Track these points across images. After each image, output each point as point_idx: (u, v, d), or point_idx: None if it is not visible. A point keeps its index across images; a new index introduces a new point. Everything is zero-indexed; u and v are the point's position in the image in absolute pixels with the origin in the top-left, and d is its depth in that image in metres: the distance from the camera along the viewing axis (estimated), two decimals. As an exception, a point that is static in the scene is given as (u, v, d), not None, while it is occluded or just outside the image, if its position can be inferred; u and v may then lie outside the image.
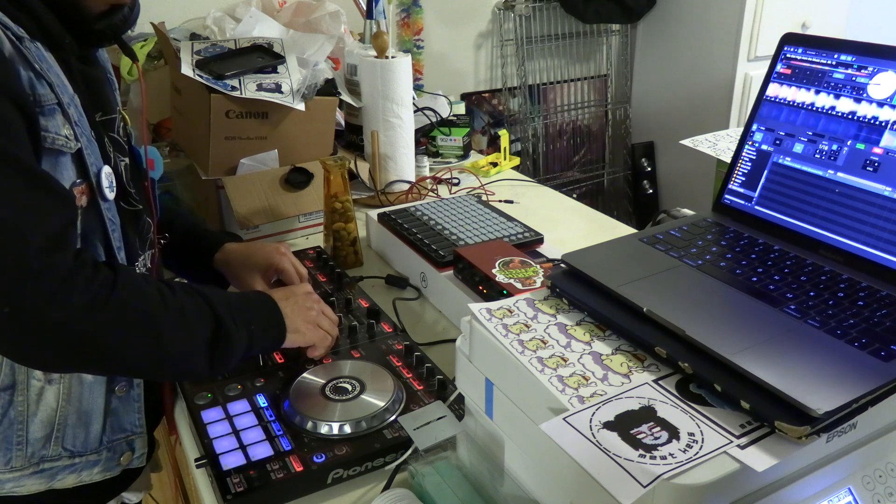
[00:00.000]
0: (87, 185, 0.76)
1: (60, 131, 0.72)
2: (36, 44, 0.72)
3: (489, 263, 1.02)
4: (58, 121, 0.72)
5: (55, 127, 0.72)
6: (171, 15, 1.73)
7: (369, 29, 1.73)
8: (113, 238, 0.79)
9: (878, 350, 0.58)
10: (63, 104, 0.73)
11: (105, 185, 0.78)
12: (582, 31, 2.68)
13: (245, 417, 0.86)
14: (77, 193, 0.74)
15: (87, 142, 0.76)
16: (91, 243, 0.78)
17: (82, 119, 0.76)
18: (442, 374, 0.92)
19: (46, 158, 0.72)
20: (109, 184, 0.79)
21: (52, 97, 0.72)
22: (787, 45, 0.81)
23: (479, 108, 2.60)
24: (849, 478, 0.60)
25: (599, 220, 1.53)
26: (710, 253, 0.76)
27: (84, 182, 0.75)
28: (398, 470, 0.78)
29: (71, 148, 0.74)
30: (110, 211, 0.80)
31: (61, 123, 0.72)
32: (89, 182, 0.76)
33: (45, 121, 0.71)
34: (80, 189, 0.75)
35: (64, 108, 0.73)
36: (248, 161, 1.37)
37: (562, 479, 0.61)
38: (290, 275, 1.06)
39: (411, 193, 1.52)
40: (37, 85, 0.71)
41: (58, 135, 0.72)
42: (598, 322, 0.68)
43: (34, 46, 0.72)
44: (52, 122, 0.72)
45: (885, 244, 0.69)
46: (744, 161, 0.83)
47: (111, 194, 0.79)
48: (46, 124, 0.71)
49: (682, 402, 0.57)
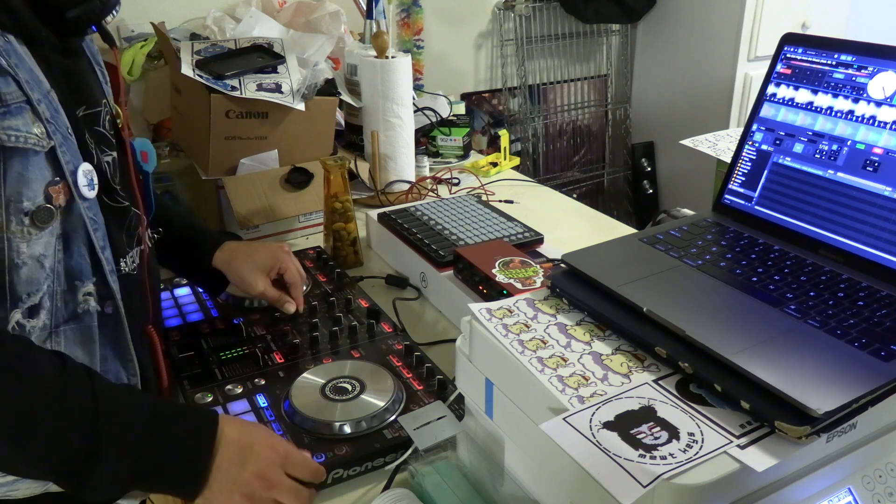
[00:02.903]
0: (65, 183, 0.72)
1: (31, 130, 0.69)
2: (7, 37, 0.69)
3: (489, 263, 1.02)
4: (27, 119, 0.69)
5: (24, 126, 0.68)
6: (171, 15, 1.73)
7: (369, 29, 1.73)
8: (95, 238, 0.76)
9: (878, 350, 0.58)
10: (33, 101, 0.70)
11: (83, 184, 0.74)
12: (582, 31, 2.68)
13: (245, 417, 0.85)
14: (54, 193, 0.71)
15: (63, 139, 0.73)
16: (73, 243, 0.74)
17: (58, 115, 0.73)
18: (442, 374, 0.92)
19: (16, 158, 0.68)
20: (89, 182, 0.75)
21: (18, 95, 0.68)
22: (787, 45, 0.81)
23: (479, 108, 2.60)
24: (849, 478, 0.60)
25: (599, 220, 1.53)
26: (710, 253, 0.76)
27: (62, 181, 0.72)
28: (398, 470, 0.78)
29: (43, 146, 0.70)
30: (91, 210, 0.76)
31: (31, 122, 0.69)
32: (66, 181, 0.73)
33: (9, 120, 0.67)
34: (57, 188, 0.72)
35: (34, 105, 0.70)
36: (248, 161, 1.37)
37: (562, 479, 0.61)
38: (293, 274, 1.06)
39: (411, 193, 1.52)
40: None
41: (29, 133, 0.69)
42: (598, 322, 0.68)
43: (3, 40, 0.69)
44: (19, 120, 0.68)
45: (885, 244, 0.69)
46: (744, 161, 0.83)
47: (90, 192, 0.75)
48: (11, 123, 0.68)
49: (682, 402, 0.57)
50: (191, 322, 1.07)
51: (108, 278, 0.77)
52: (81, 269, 0.75)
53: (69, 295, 0.74)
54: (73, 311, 0.75)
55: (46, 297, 0.72)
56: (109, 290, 0.77)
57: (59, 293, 0.73)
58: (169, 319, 1.08)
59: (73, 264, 0.74)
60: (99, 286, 0.76)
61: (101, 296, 0.77)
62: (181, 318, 1.09)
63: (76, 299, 0.75)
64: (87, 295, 0.75)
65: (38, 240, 0.70)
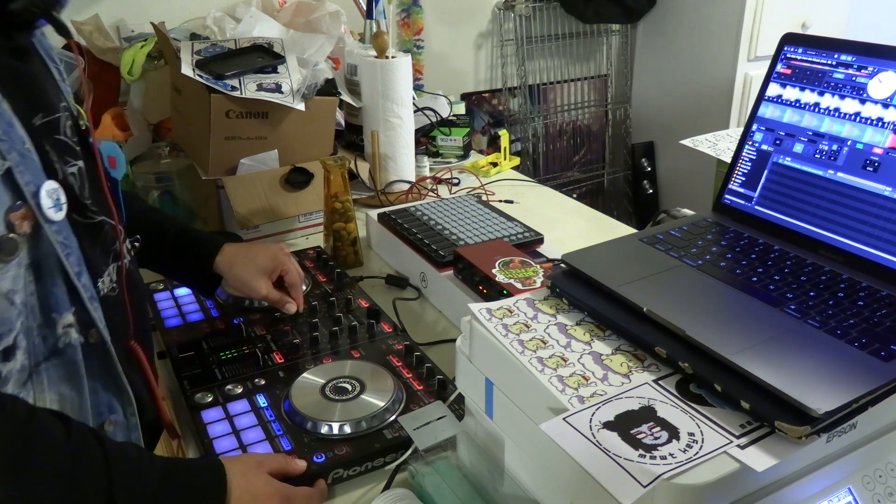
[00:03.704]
0: (28, 208, 0.63)
1: None
2: None
3: (489, 263, 1.02)
4: None
5: None
6: (171, 15, 1.73)
7: (369, 29, 1.73)
8: (69, 264, 0.67)
9: (878, 350, 0.58)
10: None
11: (48, 206, 0.64)
12: (582, 31, 2.68)
13: (245, 417, 0.86)
14: (16, 220, 0.62)
15: (20, 157, 0.63)
16: (46, 273, 0.66)
17: (11, 130, 0.63)
18: (442, 374, 0.92)
19: None
20: (55, 202, 0.66)
21: None
22: (787, 45, 0.81)
23: (479, 108, 2.60)
24: (849, 478, 0.60)
25: (599, 220, 1.53)
26: (710, 253, 0.76)
27: (23, 205, 0.63)
28: (398, 470, 0.78)
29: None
30: (61, 233, 0.66)
31: None
32: (29, 204, 0.64)
33: None
34: (19, 214, 0.63)
35: None
36: (248, 161, 1.37)
37: (562, 479, 0.61)
38: (294, 276, 1.06)
39: (411, 193, 1.52)
40: None
41: None
42: (598, 322, 0.68)
43: None
44: None
45: (885, 244, 0.69)
46: (744, 161, 0.83)
47: (58, 214, 0.66)
48: None
49: (682, 402, 0.57)
50: (191, 322, 1.07)
51: (89, 305, 0.69)
52: (58, 299, 0.67)
53: (47, 329, 0.66)
54: (54, 346, 0.67)
55: (21, 336, 0.64)
56: (91, 318, 0.69)
57: (36, 329, 0.65)
58: (169, 319, 1.08)
59: (48, 296, 0.66)
60: (79, 315, 0.69)
61: (82, 325, 0.69)
62: (181, 318, 1.09)
63: (55, 333, 0.67)
64: (68, 327, 0.68)
65: (3, 274, 0.62)
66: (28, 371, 0.65)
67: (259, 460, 0.74)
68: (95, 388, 0.72)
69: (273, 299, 1.04)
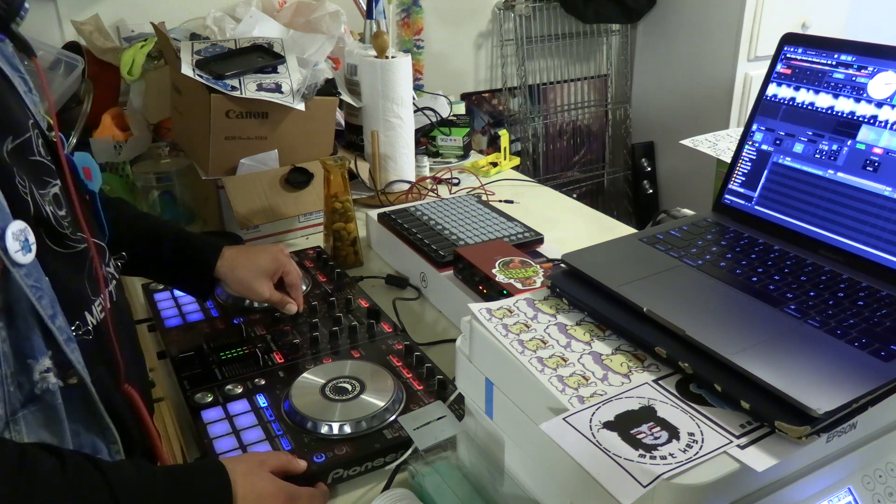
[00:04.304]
0: None
1: None
2: None
3: (489, 263, 1.02)
4: None
5: None
6: (171, 15, 1.73)
7: (369, 29, 1.73)
8: (41, 307, 0.62)
9: (878, 350, 0.58)
10: None
11: (14, 249, 0.59)
12: (582, 31, 2.68)
13: (245, 417, 0.86)
14: None
15: None
16: (17, 318, 0.61)
17: None
18: (442, 374, 0.92)
19: None
20: (22, 244, 0.61)
21: None
22: (787, 45, 0.81)
23: (479, 108, 2.60)
24: (849, 478, 0.60)
25: (599, 220, 1.53)
26: (710, 253, 0.76)
27: None
28: (398, 470, 0.78)
29: None
30: (31, 276, 0.62)
31: None
32: None
33: None
34: None
35: None
36: (248, 161, 1.37)
37: (562, 479, 0.61)
38: (294, 277, 1.06)
39: (411, 193, 1.52)
40: None
41: None
42: (598, 322, 0.68)
43: None
44: None
45: (885, 244, 0.69)
46: (744, 161, 0.83)
47: (26, 257, 0.61)
48: None
49: (682, 402, 0.57)
50: (191, 322, 1.07)
51: (65, 348, 0.65)
52: (32, 344, 0.63)
53: (23, 377, 0.62)
54: (30, 392, 0.63)
55: None
56: (68, 360, 0.65)
57: (10, 376, 0.61)
58: (169, 319, 1.08)
59: (22, 341, 0.62)
60: (57, 357, 0.64)
61: (60, 367, 0.65)
62: (181, 318, 1.09)
63: (32, 380, 0.63)
64: (45, 372, 0.64)
65: None
66: (4, 420, 0.62)
67: (261, 459, 0.74)
68: (77, 430, 0.68)
69: (274, 301, 1.04)
